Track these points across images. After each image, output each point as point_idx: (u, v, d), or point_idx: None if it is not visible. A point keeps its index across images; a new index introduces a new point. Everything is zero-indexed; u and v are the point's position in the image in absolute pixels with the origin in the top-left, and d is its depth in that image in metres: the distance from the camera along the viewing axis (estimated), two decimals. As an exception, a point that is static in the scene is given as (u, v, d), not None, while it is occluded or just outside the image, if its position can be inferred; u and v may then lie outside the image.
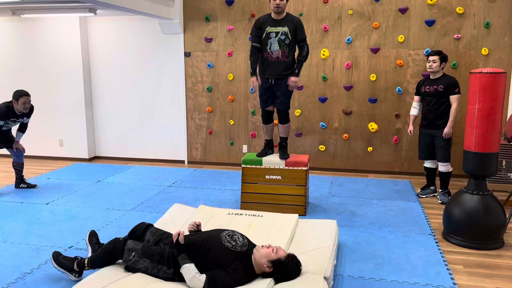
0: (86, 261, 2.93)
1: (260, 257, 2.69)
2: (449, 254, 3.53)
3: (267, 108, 4.56)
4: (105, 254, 2.88)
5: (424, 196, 5.02)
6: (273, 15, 4.28)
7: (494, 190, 4.72)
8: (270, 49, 4.28)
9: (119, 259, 2.86)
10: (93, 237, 3.21)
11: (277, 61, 4.29)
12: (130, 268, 2.79)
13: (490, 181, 4.69)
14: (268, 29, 4.27)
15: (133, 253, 2.78)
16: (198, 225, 3.05)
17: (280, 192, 4.44)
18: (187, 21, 6.43)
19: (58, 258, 3.00)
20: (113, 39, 6.78)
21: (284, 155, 4.53)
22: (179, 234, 2.76)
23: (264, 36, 4.30)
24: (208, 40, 6.38)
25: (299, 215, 4.29)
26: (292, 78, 4.28)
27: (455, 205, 3.72)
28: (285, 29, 4.23)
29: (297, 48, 4.38)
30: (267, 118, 4.61)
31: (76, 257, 3.02)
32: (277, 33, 4.24)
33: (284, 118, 4.55)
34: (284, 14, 4.28)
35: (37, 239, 3.79)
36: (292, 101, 6.19)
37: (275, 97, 4.47)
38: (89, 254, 3.09)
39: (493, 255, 3.50)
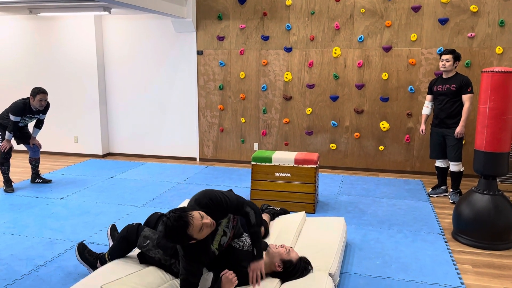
0: (106, 255, 2.98)
1: (273, 255, 2.72)
2: (458, 253, 3.51)
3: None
4: (121, 242, 2.90)
5: (435, 195, 4.98)
6: None
7: (506, 191, 4.67)
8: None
9: (135, 244, 2.88)
10: (114, 231, 3.26)
11: None
12: (144, 255, 2.84)
13: (502, 181, 4.63)
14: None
15: (148, 241, 2.81)
16: None
17: (289, 189, 4.46)
18: (199, 20, 6.48)
19: (83, 251, 3.04)
20: (127, 37, 6.88)
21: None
22: None
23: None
24: (220, 38, 6.43)
25: (308, 213, 4.34)
26: (252, 266, 2.65)
27: (465, 205, 3.70)
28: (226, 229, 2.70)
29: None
30: None
31: (99, 254, 3.06)
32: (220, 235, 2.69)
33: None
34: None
35: (51, 233, 3.88)
36: (303, 99, 6.23)
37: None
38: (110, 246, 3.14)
39: (502, 256, 3.47)
